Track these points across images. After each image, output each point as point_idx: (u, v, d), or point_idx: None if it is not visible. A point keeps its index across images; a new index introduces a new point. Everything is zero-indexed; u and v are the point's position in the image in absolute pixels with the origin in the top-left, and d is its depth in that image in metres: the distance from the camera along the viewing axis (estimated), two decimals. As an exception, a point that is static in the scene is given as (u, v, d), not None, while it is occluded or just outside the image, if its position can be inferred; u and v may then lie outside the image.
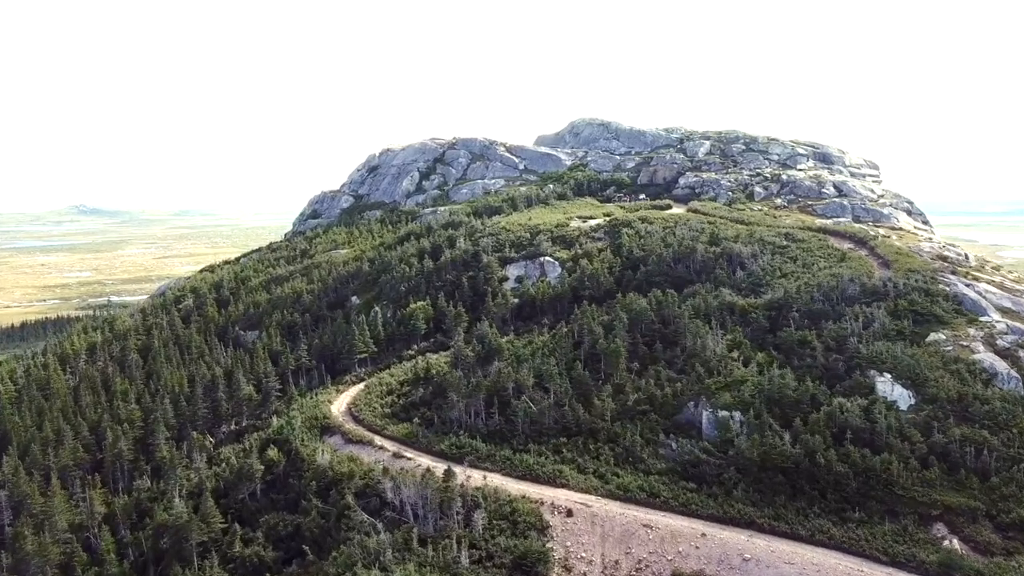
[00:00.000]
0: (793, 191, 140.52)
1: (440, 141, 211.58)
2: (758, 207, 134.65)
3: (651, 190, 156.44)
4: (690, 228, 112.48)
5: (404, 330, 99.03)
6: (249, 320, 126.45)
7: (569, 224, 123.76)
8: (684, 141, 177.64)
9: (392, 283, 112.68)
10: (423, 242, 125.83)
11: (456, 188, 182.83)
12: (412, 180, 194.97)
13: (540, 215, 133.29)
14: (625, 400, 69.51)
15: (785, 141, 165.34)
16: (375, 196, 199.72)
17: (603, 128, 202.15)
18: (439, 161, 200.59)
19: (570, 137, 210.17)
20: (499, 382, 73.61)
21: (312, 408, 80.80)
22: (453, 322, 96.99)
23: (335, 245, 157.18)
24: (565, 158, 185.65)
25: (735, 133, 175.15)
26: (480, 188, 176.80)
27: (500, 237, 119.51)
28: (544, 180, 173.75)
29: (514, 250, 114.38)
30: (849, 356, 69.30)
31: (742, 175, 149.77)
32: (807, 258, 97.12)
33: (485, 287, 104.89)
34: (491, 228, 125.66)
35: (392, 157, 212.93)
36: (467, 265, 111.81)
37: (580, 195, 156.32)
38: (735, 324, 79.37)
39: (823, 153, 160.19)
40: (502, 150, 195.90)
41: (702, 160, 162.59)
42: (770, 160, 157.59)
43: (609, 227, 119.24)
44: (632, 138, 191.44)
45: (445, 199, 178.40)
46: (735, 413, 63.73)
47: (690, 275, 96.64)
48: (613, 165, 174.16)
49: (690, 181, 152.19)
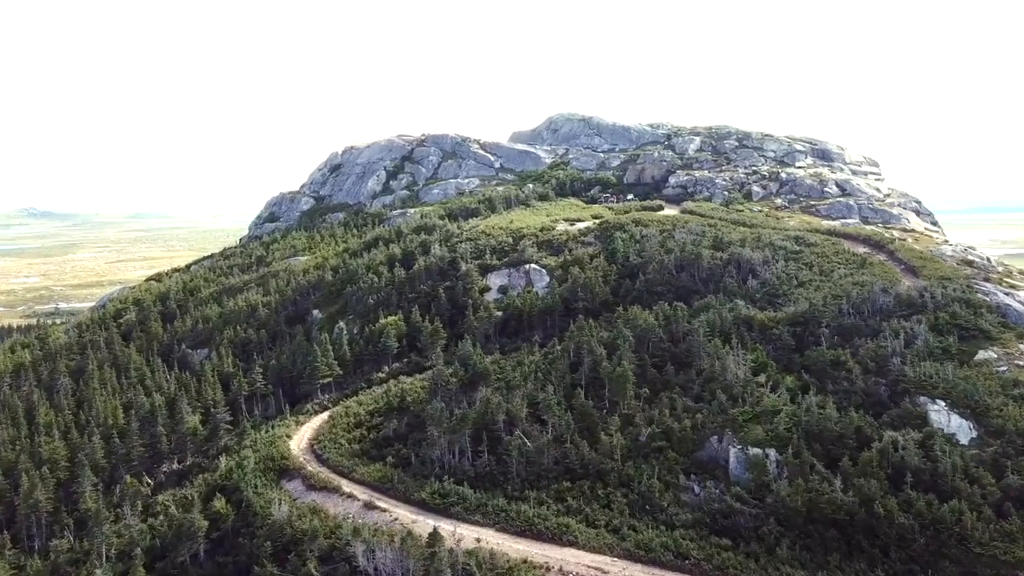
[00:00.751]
0: (793, 190, 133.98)
1: (408, 138, 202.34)
2: (757, 207, 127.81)
3: (639, 190, 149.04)
4: (690, 231, 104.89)
5: (373, 349, 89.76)
6: (197, 337, 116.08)
7: (555, 227, 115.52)
8: (672, 137, 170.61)
9: (359, 295, 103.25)
10: (393, 248, 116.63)
11: (427, 188, 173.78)
12: (378, 180, 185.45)
13: (522, 217, 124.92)
14: (636, 434, 61.26)
15: (780, 137, 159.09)
16: (338, 197, 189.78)
17: (584, 124, 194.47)
18: (407, 159, 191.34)
19: (548, 133, 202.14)
20: (487, 414, 64.89)
21: (268, 445, 71.26)
22: (429, 340, 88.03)
23: (294, 252, 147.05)
24: (544, 156, 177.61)
25: (726, 128, 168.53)
26: (453, 188, 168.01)
27: (479, 242, 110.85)
28: (523, 179, 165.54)
29: (496, 257, 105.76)
30: (893, 379, 61.87)
31: (737, 173, 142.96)
32: (824, 264, 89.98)
33: (465, 299, 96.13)
34: (468, 232, 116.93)
35: (356, 155, 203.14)
36: (443, 274, 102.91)
37: (563, 195, 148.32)
38: (755, 342, 71.64)
39: (822, 150, 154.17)
40: (476, 147, 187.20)
41: (693, 157, 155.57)
42: (766, 157, 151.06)
43: (600, 231, 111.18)
44: (616, 134, 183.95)
45: (415, 200, 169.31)
46: (769, 451, 55.79)
47: (695, 284, 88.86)
48: (597, 163, 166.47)
49: (681, 180, 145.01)
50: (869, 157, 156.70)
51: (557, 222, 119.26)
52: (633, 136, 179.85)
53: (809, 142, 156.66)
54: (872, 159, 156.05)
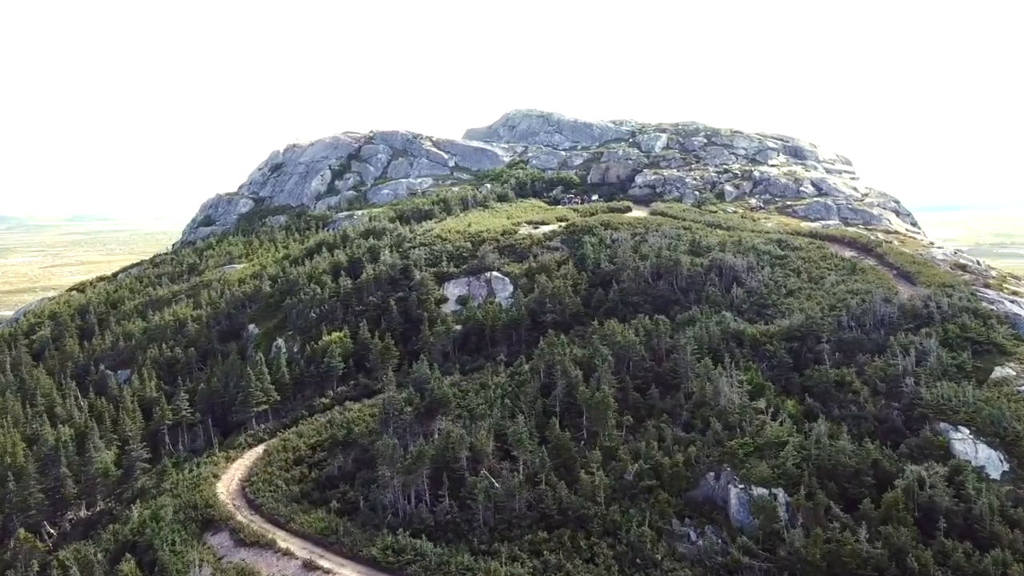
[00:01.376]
0: (768, 190, 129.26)
1: (355, 135, 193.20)
2: (732, 208, 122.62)
3: (604, 190, 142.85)
4: (664, 235, 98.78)
5: (316, 370, 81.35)
6: (118, 356, 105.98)
7: (517, 231, 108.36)
8: (637, 134, 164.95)
9: (299, 308, 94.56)
10: (338, 255, 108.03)
11: (375, 189, 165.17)
12: (323, 180, 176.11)
13: (480, 220, 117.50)
14: (621, 471, 54.37)
15: (750, 134, 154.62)
16: (279, 199, 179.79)
17: (543, 120, 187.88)
18: (354, 158, 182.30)
19: (505, 131, 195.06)
20: (448, 449, 57.32)
21: (191, 488, 62.56)
22: (379, 359, 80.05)
23: (230, 259, 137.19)
24: (502, 154, 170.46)
25: (694, 125, 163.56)
26: (404, 188, 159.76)
27: (435, 248, 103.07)
28: (479, 179, 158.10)
29: (453, 264, 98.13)
30: (907, 403, 56.17)
31: (708, 172, 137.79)
32: (812, 270, 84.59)
33: (419, 311, 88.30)
34: (422, 236, 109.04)
35: (299, 154, 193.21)
36: (395, 284, 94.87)
37: (523, 196, 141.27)
38: (747, 359, 65.45)
39: (794, 147, 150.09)
40: (428, 145, 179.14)
41: (660, 155, 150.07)
42: (737, 155, 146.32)
43: (566, 234, 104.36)
44: (577, 131, 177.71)
45: (363, 201, 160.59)
46: (777, 491, 49.39)
47: (675, 294, 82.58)
48: (558, 162, 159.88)
49: (649, 179, 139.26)
50: (842, 155, 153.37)
51: (519, 225, 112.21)
52: (595, 133, 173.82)
53: (780, 139, 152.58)
54: (845, 157, 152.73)
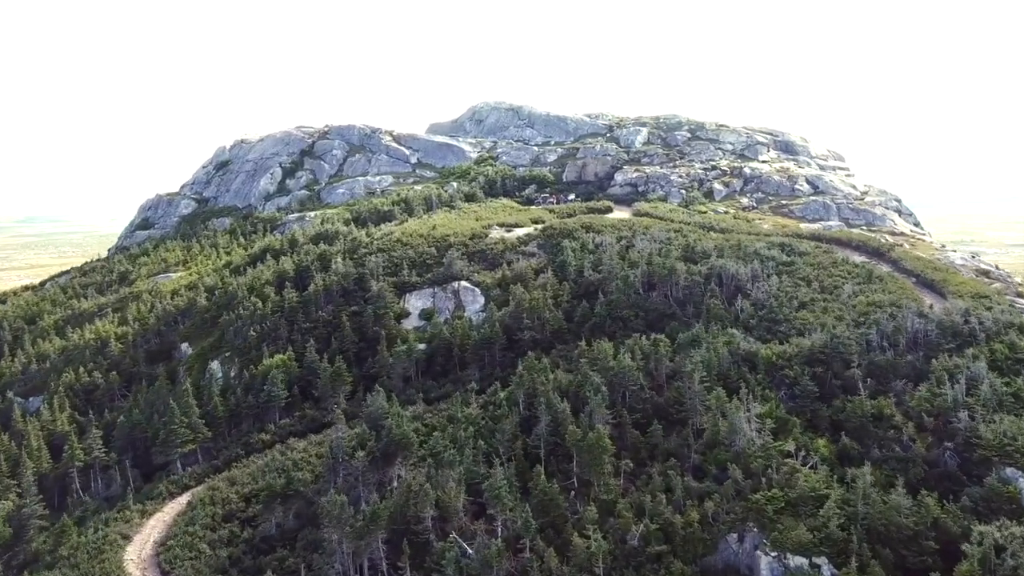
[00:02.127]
0: (760, 188, 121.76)
1: (309, 130, 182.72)
2: (722, 208, 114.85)
3: (581, 188, 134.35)
4: (653, 239, 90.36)
5: (255, 400, 71.42)
6: (30, 381, 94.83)
7: (488, 234, 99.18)
8: (615, 128, 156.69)
9: (238, 325, 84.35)
10: (284, 262, 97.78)
11: (330, 187, 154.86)
12: (272, 178, 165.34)
13: (446, 222, 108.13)
14: (622, 533, 45.40)
15: (737, 128, 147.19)
16: (224, 199, 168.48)
17: (513, 114, 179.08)
18: (307, 154, 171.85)
19: (471, 125, 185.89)
20: (409, 506, 48.01)
21: (93, 556, 52.38)
22: (329, 385, 70.43)
23: (165, 267, 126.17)
24: (469, 149, 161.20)
25: (676, 118, 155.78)
26: (362, 187, 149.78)
27: (394, 254, 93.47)
28: (444, 177, 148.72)
29: (416, 272, 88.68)
30: (963, 442, 48.06)
31: (694, 169, 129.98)
32: (824, 279, 76.65)
33: (376, 328, 78.78)
34: (380, 241, 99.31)
35: (247, 150, 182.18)
36: (348, 296, 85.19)
37: (493, 195, 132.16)
38: (763, 387, 57.02)
39: (784, 142, 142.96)
40: (388, 140, 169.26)
41: (641, 151, 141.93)
42: (724, 151, 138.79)
43: (544, 238, 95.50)
44: (550, 125, 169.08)
45: (315, 202, 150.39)
46: (820, 560, 40.83)
47: (670, 307, 74.11)
48: (530, 158, 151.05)
49: (630, 177, 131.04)
50: (833, 150, 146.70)
51: (490, 227, 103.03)
52: (570, 128, 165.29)
53: (770, 133, 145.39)
54: (837, 152, 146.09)
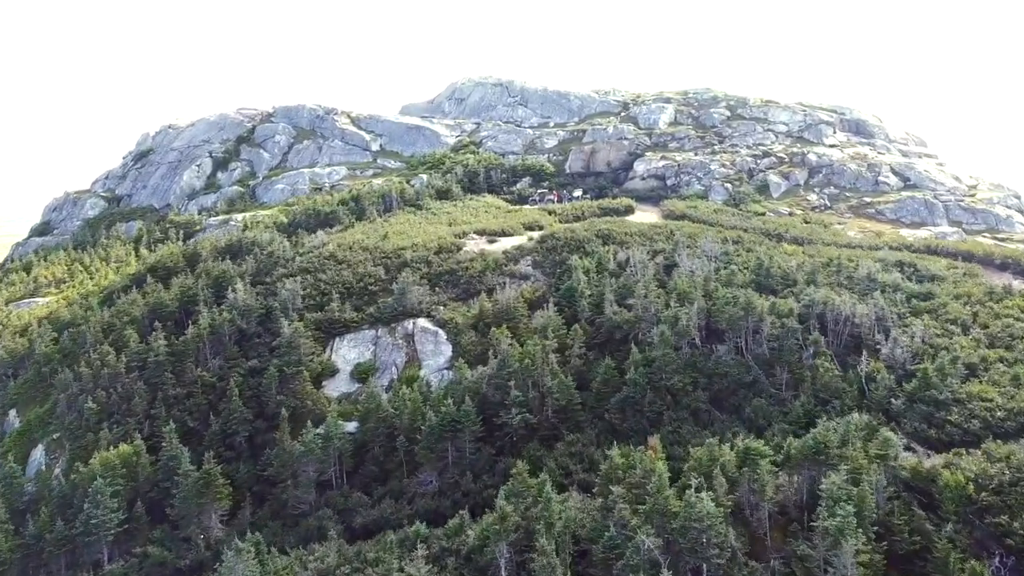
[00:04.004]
0: (832, 180, 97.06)
1: (250, 112, 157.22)
2: (784, 208, 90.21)
3: (590, 182, 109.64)
4: (705, 253, 65.35)
5: (65, 528, 45.93)
6: None
7: (462, 247, 74.11)
8: (631, 106, 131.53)
9: (74, 390, 58.74)
10: (174, 287, 72.22)
11: (268, 183, 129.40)
12: (199, 171, 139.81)
13: (407, 228, 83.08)
14: None
15: (790, 103, 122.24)
16: (140, 197, 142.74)
17: (501, 90, 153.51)
18: (245, 141, 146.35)
19: (451, 104, 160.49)
20: None
21: None
22: (193, 501, 45.11)
23: (34, 289, 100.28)
24: (445, 133, 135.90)
25: (708, 92, 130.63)
26: (306, 181, 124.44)
27: (323, 277, 68.26)
28: (412, 167, 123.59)
29: (352, 305, 63.50)
30: None
31: (740, 155, 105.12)
32: (989, 321, 51.55)
33: (282, 397, 53.57)
34: (307, 257, 74.06)
35: (174, 137, 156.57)
36: (248, 342, 59.99)
37: (474, 191, 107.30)
38: (955, 544, 31.88)
39: (853, 121, 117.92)
40: (344, 122, 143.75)
41: (667, 133, 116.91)
42: (776, 132, 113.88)
43: (542, 252, 70.43)
44: (548, 103, 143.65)
45: (249, 200, 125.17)
46: None
47: (748, 370, 48.85)
48: (523, 143, 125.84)
49: (655, 167, 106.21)
50: (913, 133, 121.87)
51: (466, 237, 77.93)
52: (573, 105, 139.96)
53: (832, 110, 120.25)
54: (917, 136, 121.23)
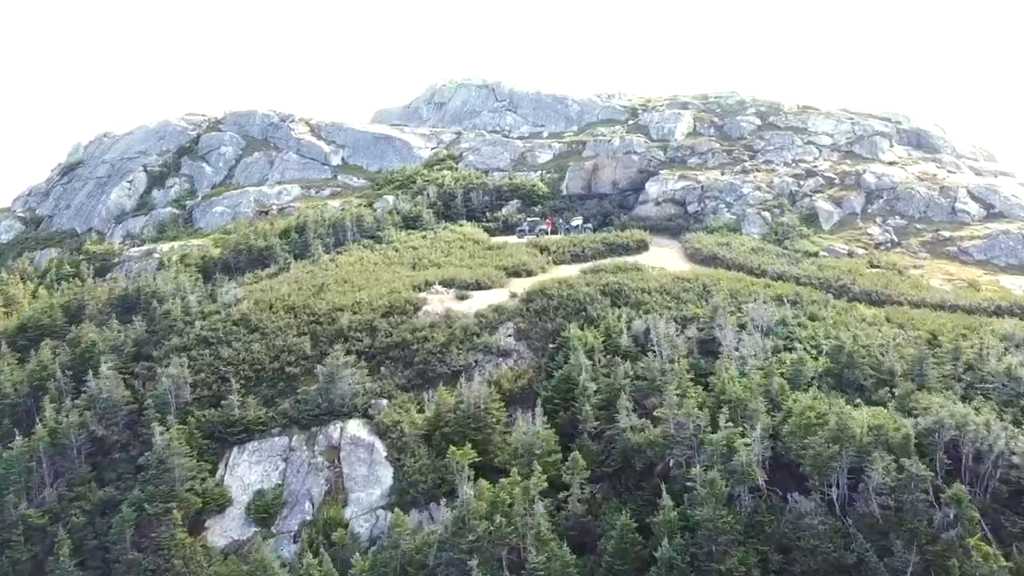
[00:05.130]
0: (895, 207, 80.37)
1: (196, 118, 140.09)
2: (841, 244, 73.56)
3: (592, 206, 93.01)
4: (751, 320, 48.24)
5: None
6: None
7: (422, 304, 56.93)
8: (640, 112, 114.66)
9: None
10: (30, 363, 54.75)
11: (207, 203, 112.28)
12: (131, 188, 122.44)
13: (354, 272, 66.05)
14: None
15: (832, 110, 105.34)
16: (63, 220, 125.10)
17: (487, 93, 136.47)
18: (187, 152, 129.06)
19: (430, 109, 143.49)
20: None
21: None
22: None
23: None
24: (419, 144, 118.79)
25: (733, 96, 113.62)
26: (251, 202, 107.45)
27: (225, 351, 50.93)
28: (378, 186, 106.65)
29: (260, 395, 46.07)
30: None
31: (778, 175, 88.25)
32: None
33: (139, 553, 36.52)
34: (213, 320, 56.72)
35: (108, 146, 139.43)
36: (103, 455, 42.76)
37: (450, 217, 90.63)
38: None
39: (913, 132, 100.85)
40: (302, 130, 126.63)
41: (685, 146, 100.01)
42: (818, 145, 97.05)
43: (529, 317, 53.28)
44: (542, 108, 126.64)
45: (182, 225, 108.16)
46: None
47: (849, 547, 31.45)
48: (511, 157, 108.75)
49: (672, 189, 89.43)
50: (979, 145, 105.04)
51: (429, 288, 60.77)
52: (571, 111, 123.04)
53: (887, 119, 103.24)
54: (984, 149, 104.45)
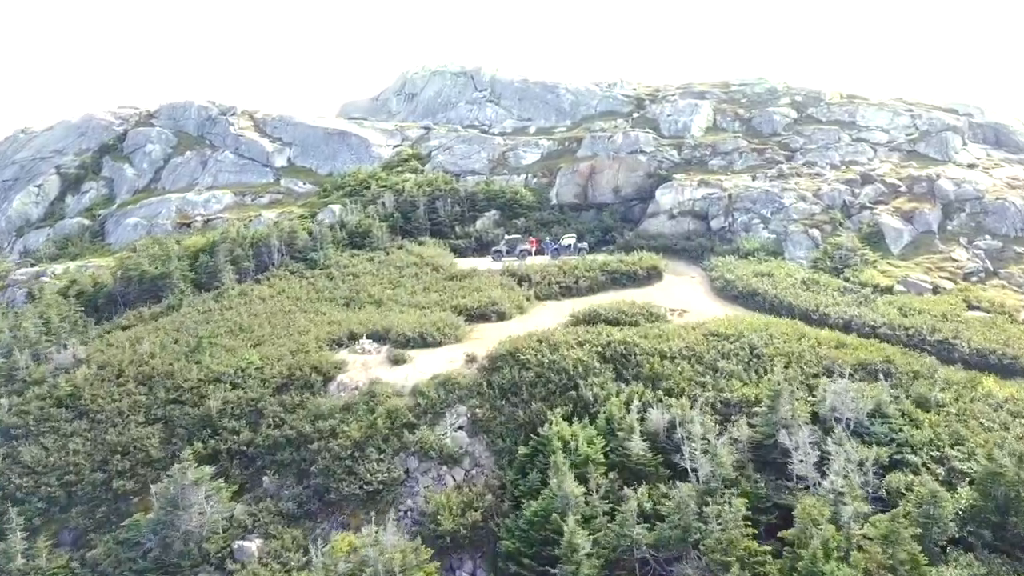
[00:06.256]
0: (984, 224, 64.04)
1: (126, 111, 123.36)
2: (920, 275, 56.89)
3: (590, 218, 76.84)
4: (831, 408, 31.45)
5: None
6: None
7: (337, 372, 40.19)
8: (648, 103, 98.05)
9: None
10: None
11: (123, 212, 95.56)
12: (40, 193, 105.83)
13: (263, 315, 49.60)
14: None
15: (886, 101, 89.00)
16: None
17: (465, 81, 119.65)
18: (110, 151, 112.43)
19: (400, 101, 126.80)
20: None
21: None
22: None
23: None
24: (380, 141, 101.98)
25: (762, 83, 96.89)
26: (172, 211, 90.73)
27: (31, 450, 34.12)
28: (325, 192, 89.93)
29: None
30: None
31: (827, 181, 71.66)
32: None
33: None
34: (27, 399, 40.03)
35: (23, 144, 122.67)
36: None
37: (411, 231, 74.35)
38: None
39: (990, 127, 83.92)
40: (244, 125, 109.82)
41: (704, 144, 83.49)
42: (871, 143, 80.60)
43: (492, 396, 36.56)
44: (529, 99, 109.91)
45: (91, 240, 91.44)
46: None
47: None
48: (491, 157, 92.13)
49: (691, 198, 72.96)
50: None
51: (351, 344, 44.02)
52: (564, 102, 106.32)
53: (954, 110, 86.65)
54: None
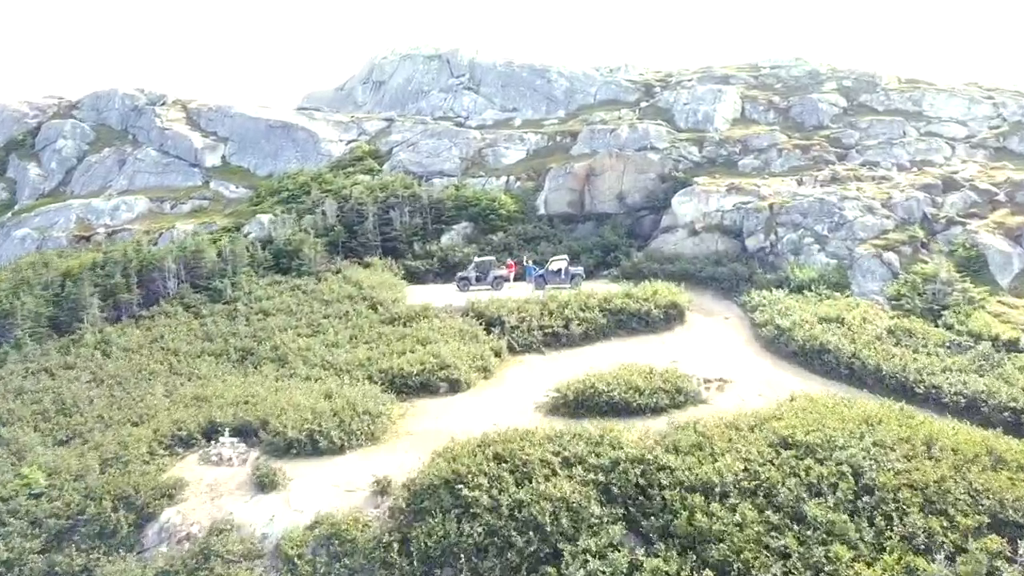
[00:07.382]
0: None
1: (45, 101, 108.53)
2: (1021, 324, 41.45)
3: (587, 233, 62.43)
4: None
5: None
6: None
7: (158, 509, 24.63)
8: (660, 90, 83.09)
9: None
10: None
11: (18, 221, 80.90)
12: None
13: (75, 398, 34.58)
14: None
15: (956, 86, 74.15)
16: None
17: (440, 66, 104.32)
18: (19, 147, 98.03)
19: (367, 90, 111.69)
20: None
21: None
22: None
23: None
24: (332, 135, 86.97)
25: (801, 65, 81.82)
26: (71, 220, 76.15)
27: None
28: (259, 198, 75.09)
29: None
30: None
31: (897, 187, 56.73)
32: None
33: None
34: None
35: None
36: None
37: (352, 250, 59.73)
38: None
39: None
40: (173, 116, 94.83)
41: (731, 139, 68.76)
42: (946, 137, 65.85)
43: (404, 569, 21.30)
44: (515, 85, 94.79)
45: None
46: None
47: None
48: (464, 154, 77.16)
49: (716, 208, 58.11)
50: None
51: (201, 446, 28.78)
52: (557, 89, 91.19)
53: (1040, 97, 72.25)
54: None
